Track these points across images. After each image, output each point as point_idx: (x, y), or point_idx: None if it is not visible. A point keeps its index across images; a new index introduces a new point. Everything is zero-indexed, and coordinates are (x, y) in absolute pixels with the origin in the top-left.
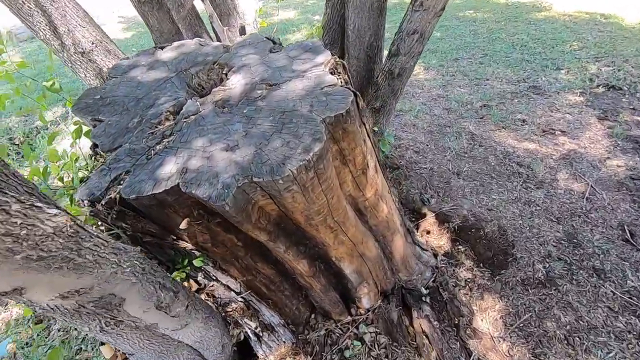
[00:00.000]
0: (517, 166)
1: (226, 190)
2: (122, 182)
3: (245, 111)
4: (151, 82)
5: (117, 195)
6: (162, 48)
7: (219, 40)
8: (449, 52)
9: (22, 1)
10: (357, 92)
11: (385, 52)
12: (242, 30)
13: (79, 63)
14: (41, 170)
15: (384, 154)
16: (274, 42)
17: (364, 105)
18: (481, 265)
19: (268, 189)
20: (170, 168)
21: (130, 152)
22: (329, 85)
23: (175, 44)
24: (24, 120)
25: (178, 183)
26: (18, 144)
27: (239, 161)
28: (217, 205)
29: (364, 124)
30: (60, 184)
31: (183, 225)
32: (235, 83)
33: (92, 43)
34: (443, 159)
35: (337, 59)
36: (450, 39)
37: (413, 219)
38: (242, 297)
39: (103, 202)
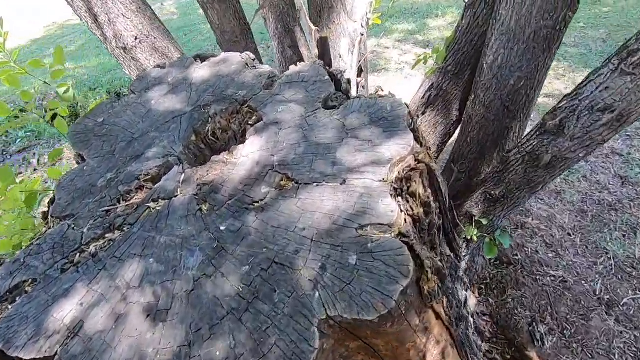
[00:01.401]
0: None
1: None
2: (21, 296)
3: (223, 228)
4: (159, 115)
5: None
6: (203, 59)
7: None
8: None
9: None
10: (427, 264)
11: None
12: (322, 44)
13: (122, 59)
14: None
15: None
16: (337, 86)
17: (435, 284)
18: None
19: None
20: (68, 310)
21: (58, 243)
22: (377, 225)
23: (219, 57)
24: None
25: (55, 354)
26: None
27: (148, 357)
28: None
29: (432, 308)
30: None
31: None
32: (247, 156)
33: (136, 38)
34: (590, 270)
35: (421, 161)
36: None
37: (507, 357)
38: None
39: None
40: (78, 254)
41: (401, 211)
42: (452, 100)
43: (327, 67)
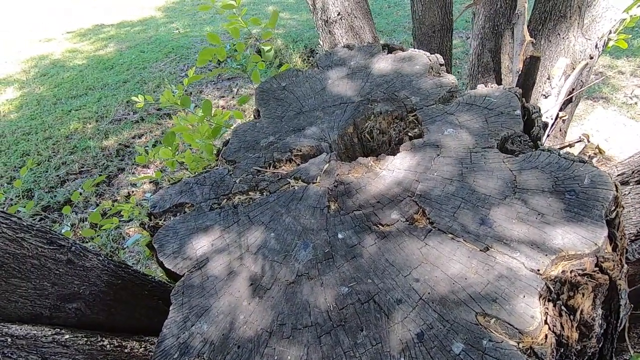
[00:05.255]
0: None
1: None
2: (181, 212)
3: (341, 236)
4: (330, 96)
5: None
6: (390, 51)
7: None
8: None
9: None
10: None
11: None
12: (530, 63)
13: (321, 30)
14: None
15: None
16: (528, 126)
17: None
18: None
19: None
20: (202, 244)
21: (216, 183)
22: (505, 323)
23: (406, 53)
24: None
25: (184, 274)
26: None
27: (237, 322)
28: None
29: None
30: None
31: None
32: (392, 170)
33: (338, 14)
34: None
35: (605, 272)
36: None
37: None
38: None
39: (147, 225)
40: (225, 199)
41: (546, 323)
42: None
43: (524, 100)
